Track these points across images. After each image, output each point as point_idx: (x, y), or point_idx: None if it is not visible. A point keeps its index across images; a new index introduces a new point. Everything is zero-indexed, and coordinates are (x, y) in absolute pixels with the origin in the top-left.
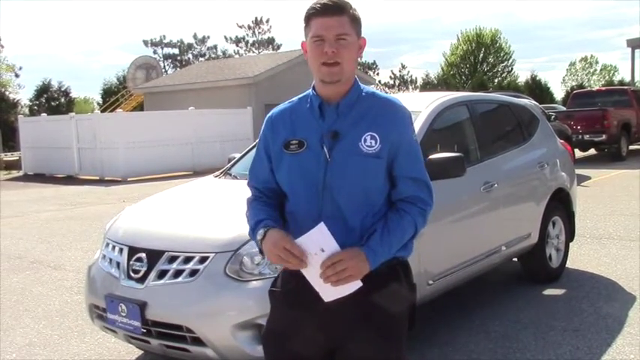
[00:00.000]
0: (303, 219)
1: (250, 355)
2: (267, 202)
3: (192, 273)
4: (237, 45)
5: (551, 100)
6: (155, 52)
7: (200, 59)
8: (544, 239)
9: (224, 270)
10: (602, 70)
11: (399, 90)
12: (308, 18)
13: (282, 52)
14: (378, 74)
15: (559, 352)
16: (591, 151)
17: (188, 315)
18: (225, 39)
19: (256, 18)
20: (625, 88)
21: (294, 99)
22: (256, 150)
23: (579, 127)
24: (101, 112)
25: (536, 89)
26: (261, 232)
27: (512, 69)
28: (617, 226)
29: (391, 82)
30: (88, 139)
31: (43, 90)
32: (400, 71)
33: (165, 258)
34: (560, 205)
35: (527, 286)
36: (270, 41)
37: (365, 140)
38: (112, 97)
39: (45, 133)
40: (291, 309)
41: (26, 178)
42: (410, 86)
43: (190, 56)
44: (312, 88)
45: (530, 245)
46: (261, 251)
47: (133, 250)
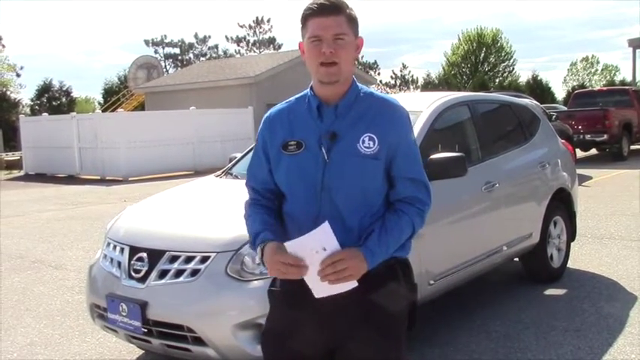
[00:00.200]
0: (301, 219)
1: (251, 355)
2: (264, 206)
3: (194, 273)
4: (239, 45)
5: (553, 100)
6: (156, 52)
7: (201, 59)
8: (545, 239)
9: (225, 270)
10: (603, 70)
11: (400, 90)
12: (305, 18)
13: (283, 52)
14: (379, 74)
15: (560, 352)
16: (592, 151)
17: (189, 315)
18: (227, 39)
19: (257, 18)
20: (626, 88)
21: (291, 99)
22: (254, 150)
23: (580, 127)
24: (102, 111)
25: (538, 89)
26: (259, 250)
27: (514, 69)
28: (618, 226)
29: (392, 82)
30: (89, 138)
31: (44, 90)
32: (401, 71)
33: (167, 258)
34: (562, 205)
35: (528, 286)
36: (271, 41)
37: (363, 141)
38: (114, 96)
39: (46, 132)
40: (291, 308)
41: (27, 177)
42: (411, 86)
43: (191, 56)
44: (310, 88)
45: (532, 245)
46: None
47: (134, 250)
